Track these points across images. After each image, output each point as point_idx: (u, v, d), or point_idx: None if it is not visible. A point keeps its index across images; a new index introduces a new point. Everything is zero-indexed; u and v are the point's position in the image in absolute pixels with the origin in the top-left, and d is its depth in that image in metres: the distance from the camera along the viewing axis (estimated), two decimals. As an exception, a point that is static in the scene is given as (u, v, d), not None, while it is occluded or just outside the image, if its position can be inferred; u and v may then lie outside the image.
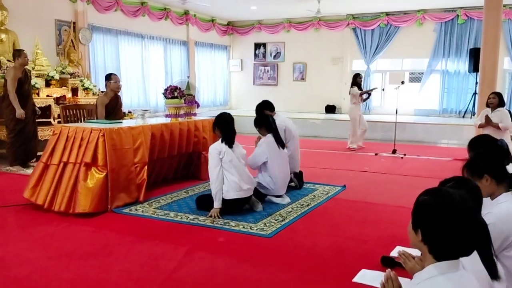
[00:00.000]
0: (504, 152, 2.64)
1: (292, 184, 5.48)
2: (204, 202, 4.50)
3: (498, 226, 2.18)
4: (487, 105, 7.02)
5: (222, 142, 4.35)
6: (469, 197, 1.54)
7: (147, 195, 4.85)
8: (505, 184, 2.37)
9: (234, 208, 4.32)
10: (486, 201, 2.25)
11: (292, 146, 5.52)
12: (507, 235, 2.22)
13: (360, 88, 8.87)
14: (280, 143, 4.90)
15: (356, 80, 8.83)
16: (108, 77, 6.17)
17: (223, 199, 4.23)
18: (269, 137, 4.84)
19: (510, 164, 2.62)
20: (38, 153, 7.20)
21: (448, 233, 1.46)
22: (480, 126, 7.00)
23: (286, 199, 4.82)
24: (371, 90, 9.44)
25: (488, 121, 6.82)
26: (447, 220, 1.46)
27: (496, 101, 6.85)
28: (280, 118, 5.50)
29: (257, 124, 4.98)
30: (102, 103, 5.94)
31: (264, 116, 5.06)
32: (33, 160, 6.95)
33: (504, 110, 6.85)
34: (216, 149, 4.30)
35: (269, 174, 4.77)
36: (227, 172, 4.26)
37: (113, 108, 6.03)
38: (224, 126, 4.43)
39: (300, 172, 5.60)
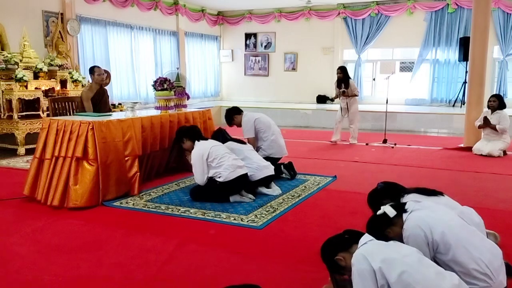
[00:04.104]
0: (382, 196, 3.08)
1: (283, 175, 5.50)
2: (199, 193, 4.54)
3: (414, 235, 2.45)
4: (488, 107, 7.23)
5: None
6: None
7: (138, 188, 4.83)
8: (398, 219, 2.58)
9: (239, 186, 4.52)
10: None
11: (269, 133, 5.58)
12: (424, 235, 2.43)
13: (339, 82, 8.31)
14: (239, 140, 5.20)
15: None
16: (92, 70, 6.09)
17: (226, 181, 4.43)
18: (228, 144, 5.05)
19: (405, 195, 2.95)
20: (13, 147, 7.18)
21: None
22: (480, 127, 7.33)
23: (277, 191, 4.83)
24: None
25: (486, 123, 7.08)
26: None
27: (497, 104, 7.19)
28: (248, 115, 5.68)
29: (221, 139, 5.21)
30: (87, 98, 5.85)
31: (216, 134, 5.38)
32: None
33: (503, 113, 7.13)
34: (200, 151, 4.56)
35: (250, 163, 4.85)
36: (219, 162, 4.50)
37: (98, 101, 5.95)
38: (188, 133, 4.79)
39: (290, 163, 5.61)
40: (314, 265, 2.92)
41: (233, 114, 5.71)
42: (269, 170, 4.87)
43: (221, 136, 5.25)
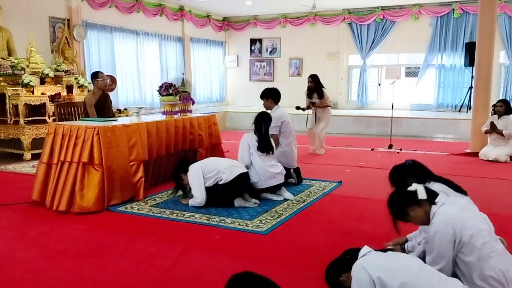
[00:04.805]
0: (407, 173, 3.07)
1: (292, 180, 5.47)
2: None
3: (441, 232, 2.37)
4: (494, 112, 7.18)
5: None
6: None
7: (143, 193, 4.83)
8: (425, 203, 2.51)
9: (242, 186, 4.56)
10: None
11: (287, 140, 5.47)
12: (453, 234, 2.35)
13: (310, 92, 7.92)
14: (264, 146, 4.78)
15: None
16: (95, 75, 6.01)
17: (228, 183, 4.47)
18: (251, 136, 4.83)
19: (432, 182, 2.89)
20: (19, 152, 7.19)
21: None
22: (486, 132, 7.29)
23: (282, 197, 4.81)
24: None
25: (493, 128, 7.04)
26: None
27: (503, 109, 7.12)
28: (278, 112, 5.54)
29: (255, 120, 4.92)
30: (91, 104, 5.81)
31: (262, 119, 4.92)
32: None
33: (510, 118, 7.06)
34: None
35: (254, 168, 4.74)
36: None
37: (101, 107, 5.92)
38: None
39: (298, 168, 5.59)
40: (319, 270, 2.90)
41: (270, 96, 5.64)
42: (277, 179, 4.78)
43: (265, 123, 4.87)
